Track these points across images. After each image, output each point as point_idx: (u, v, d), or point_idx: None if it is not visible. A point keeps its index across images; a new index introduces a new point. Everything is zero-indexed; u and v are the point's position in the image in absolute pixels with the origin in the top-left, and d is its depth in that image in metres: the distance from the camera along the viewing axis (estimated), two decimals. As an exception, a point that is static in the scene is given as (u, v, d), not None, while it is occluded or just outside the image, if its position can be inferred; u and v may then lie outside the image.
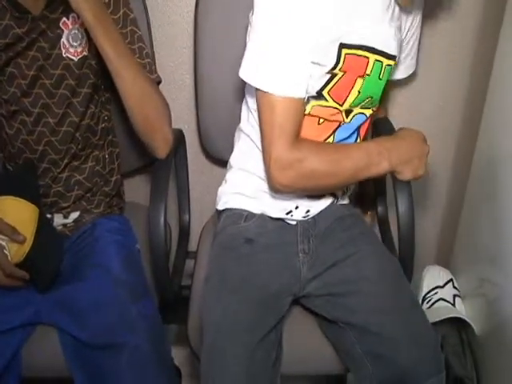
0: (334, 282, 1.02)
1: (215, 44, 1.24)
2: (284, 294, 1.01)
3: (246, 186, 1.10)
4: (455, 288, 1.39)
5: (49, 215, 1.15)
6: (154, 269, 1.09)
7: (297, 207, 1.08)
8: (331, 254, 1.05)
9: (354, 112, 1.04)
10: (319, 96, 0.98)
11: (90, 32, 0.98)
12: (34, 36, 1.03)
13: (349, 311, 0.98)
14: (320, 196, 1.09)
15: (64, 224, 1.17)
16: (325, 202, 1.10)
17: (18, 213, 1.03)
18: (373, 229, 1.25)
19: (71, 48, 1.07)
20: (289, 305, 1.02)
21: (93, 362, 0.97)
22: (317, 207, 1.09)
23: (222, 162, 1.32)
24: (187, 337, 1.07)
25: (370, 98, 1.03)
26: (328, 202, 1.11)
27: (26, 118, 1.09)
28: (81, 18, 0.97)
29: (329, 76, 0.96)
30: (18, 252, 1.00)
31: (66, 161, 1.13)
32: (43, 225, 1.06)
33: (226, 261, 1.03)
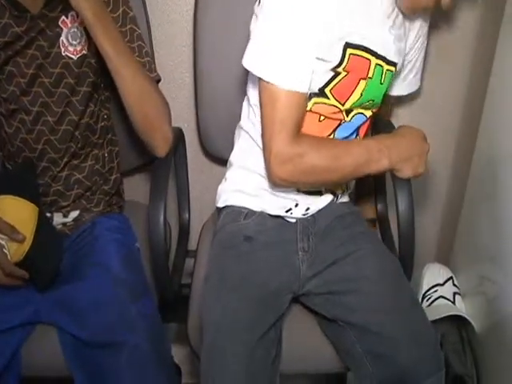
0: (333, 279, 1.02)
1: (215, 42, 1.24)
2: (283, 292, 1.01)
3: (246, 183, 1.09)
4: (455, 286, 1.38)
5: (48, 214, 1.15)
6: (154, 267, 1.09)
7: (296, 205, 1.08)
8: (331, 252, 1.05)
9: (354, 111, 1.04)
10: (321, 93, 0.98)
11: (89, 30, 0.98)
12: (33, 35, 1.03)
13: (348, 310, 0.98)
14: (320, 194, 1.09)
15: (63, 223, 1.17)
16: (325, 200, 1.10)
17: (18, 212, 1.03)
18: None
19: (70, 46, 1.07)
20: (288, 303, 1.02)
21: (92, 361, 0.97)
22: (316, 205, 1.09)
23: (221, 160, 1.32)
24: (187, 335, 1.07)
25: (371, 101, 1.04)
26: (328, 200, 1.11)
27: (25, 117, 1.08)
28: (80, 16, 0.97)
29: (332, 74, 0.96)
30: (17, 251, 1.00)
31: (66, 159, 1.13)
32: (43, 224, 1.06)
33: (225, 259, 1.03)
